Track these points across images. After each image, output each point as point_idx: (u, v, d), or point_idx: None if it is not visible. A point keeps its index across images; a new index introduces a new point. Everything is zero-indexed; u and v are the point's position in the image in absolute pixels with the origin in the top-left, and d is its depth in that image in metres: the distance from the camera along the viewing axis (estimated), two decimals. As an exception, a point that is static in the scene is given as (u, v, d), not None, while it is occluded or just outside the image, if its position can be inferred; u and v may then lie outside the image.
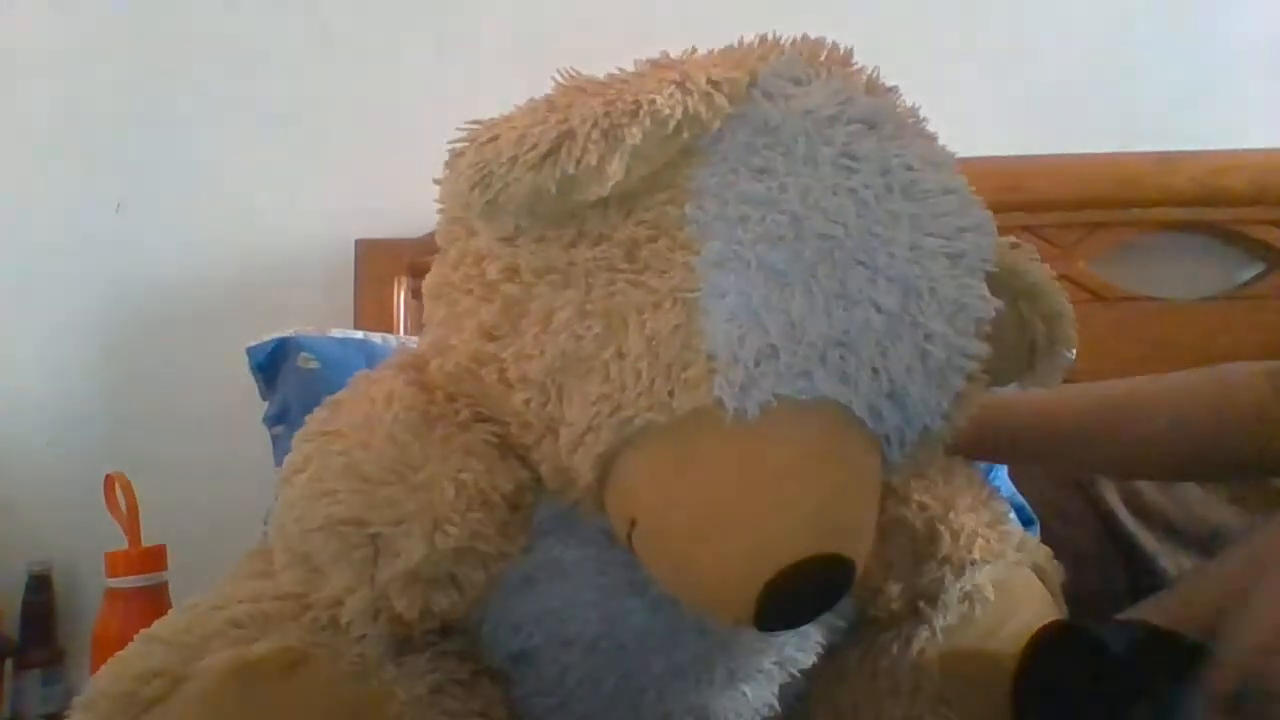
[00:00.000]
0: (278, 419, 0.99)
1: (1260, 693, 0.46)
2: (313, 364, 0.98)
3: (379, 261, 1.21)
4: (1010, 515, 0.63)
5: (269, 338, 1.01)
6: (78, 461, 1.21)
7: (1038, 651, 0.55)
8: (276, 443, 1.00)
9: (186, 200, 1.27)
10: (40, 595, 1.16)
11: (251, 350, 1.01)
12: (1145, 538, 1.01)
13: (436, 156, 0.47)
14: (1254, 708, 0.46)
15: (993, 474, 0.89)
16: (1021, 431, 0.73)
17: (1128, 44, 1.29)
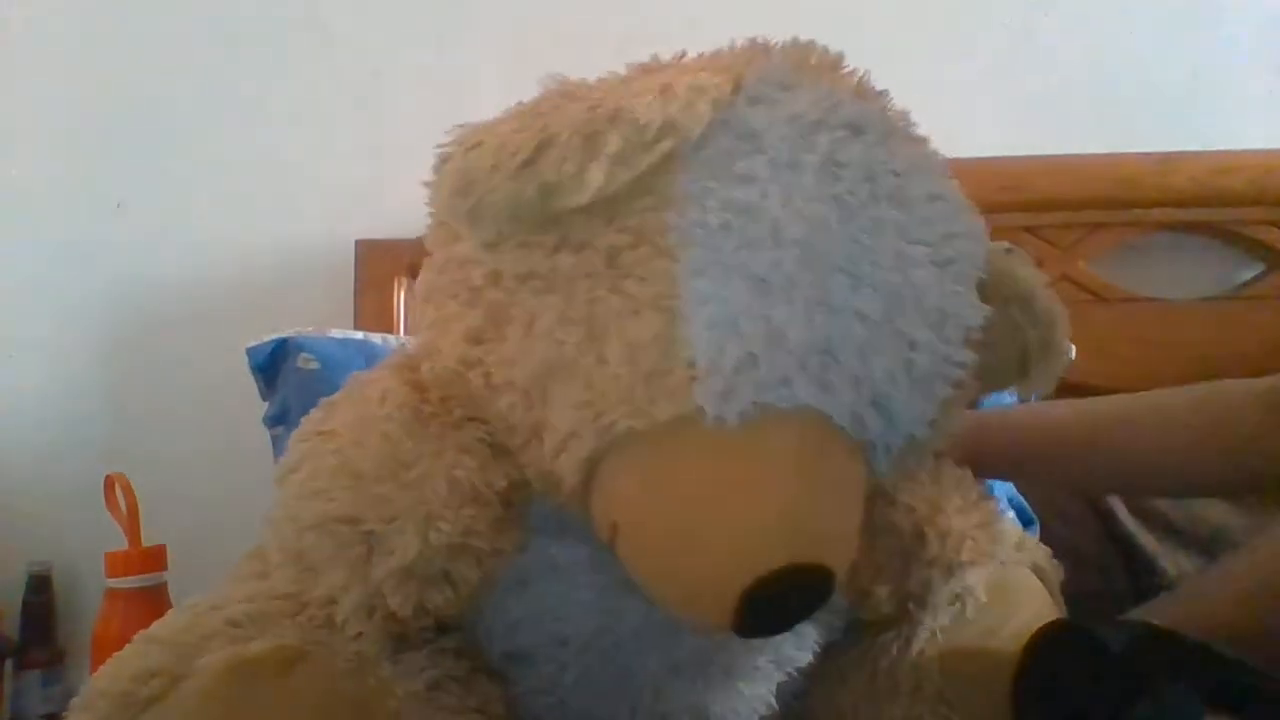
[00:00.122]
0: (278, 419, 0.99)
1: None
2: (313, 364, 0.97)
3: (379, 262, 1.21)
4: (1007, 515, 0.63)
5: (269, 338, 1.01)
6: (78, 461, 1.21)
7: (1038, 651, 0.55)
8: (276, 443, 0.99)
9: (186, 200, 1.27)
10: (40, 595, 1.16)
11: (251, 351, 1.01)
12: (1145, 538, 1.01)
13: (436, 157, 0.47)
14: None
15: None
16: (1022, 448, 0.72)
17: (1128, 44, 1.29)
